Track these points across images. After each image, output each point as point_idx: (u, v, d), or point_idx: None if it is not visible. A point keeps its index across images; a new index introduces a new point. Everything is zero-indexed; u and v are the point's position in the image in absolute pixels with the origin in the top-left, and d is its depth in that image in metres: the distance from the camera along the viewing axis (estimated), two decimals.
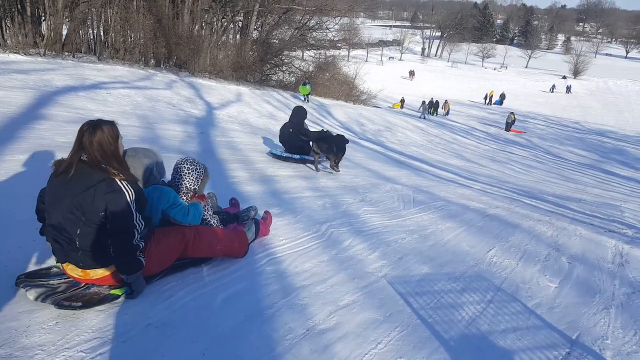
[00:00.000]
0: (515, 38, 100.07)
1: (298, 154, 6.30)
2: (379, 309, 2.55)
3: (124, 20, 15.55)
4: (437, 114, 27.04)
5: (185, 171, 2.70)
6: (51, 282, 2.33)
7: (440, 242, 3.87)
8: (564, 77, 56.35)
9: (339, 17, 26.05)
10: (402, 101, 29.06)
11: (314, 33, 24.46)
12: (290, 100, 18.09)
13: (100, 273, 2.26)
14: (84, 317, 2.13)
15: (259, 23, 21.90)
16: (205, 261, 2.78)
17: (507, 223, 4.81)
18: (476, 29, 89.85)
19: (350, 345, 2.18)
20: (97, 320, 2.12)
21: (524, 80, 51.51)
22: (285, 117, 14.54)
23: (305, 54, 25.92)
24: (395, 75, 48.57)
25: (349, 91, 25.41)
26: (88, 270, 2.24)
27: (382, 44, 72.15)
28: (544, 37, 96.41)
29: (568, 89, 46.18)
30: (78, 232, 2.14)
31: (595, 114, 35.50)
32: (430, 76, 50.09)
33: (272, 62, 22.14)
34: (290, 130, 6.28)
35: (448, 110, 27.77)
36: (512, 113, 25.29)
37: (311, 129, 6.46)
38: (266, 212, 3.48)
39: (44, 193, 2.28)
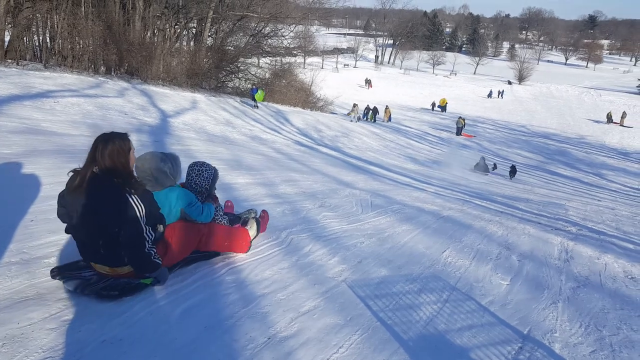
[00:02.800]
0: (464, 46, 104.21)
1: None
2: (339, 313, 2.58)
3: (72, 27, 14.93)
4: (374, 120, 26.85)
5: (197, 172, 3.03)
6: (83, 274, 2.51)
7: (397, 244, 3.96)
8: (510, 83, 59.25)
9: (293, 25, 26.15)
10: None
11: (269, 40, 24.40)
12: (247, 107, 17.97)
13: (127, 269, 2.47)
14: (34, 337, 2.02)
15: (213, 30, 21.63)
16: (214, 256, 3.03)
17: (460, 224, 4.99)
18: (426, 37, 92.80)
19: (312, 351, 2.19)
20: (48, 339, 2.02)
21: (473, 87, 53.64)
22: (243, 123, 14.48)
23: (261, 61, 25.85)
24: (351, 82, 49.27)
25: (305, 98, 25.55)
26: (116, 268, 2.46)
27: (337, 51, 73.02)
28: (490, 44, 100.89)
29: (500, 93, 48.44)
30: (101, 242, 2.34)
31: (539, 117, 37.50)
32: (383, 83, 51.18)
33: (228, 69, 21.91)
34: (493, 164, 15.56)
35: (390, 117, 27.36)
36: (461, 118, 26.27)
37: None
38: (263, 212, 3.72)
39: (62, 197, 2.40)
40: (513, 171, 14.56)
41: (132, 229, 2.32)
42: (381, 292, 2.92)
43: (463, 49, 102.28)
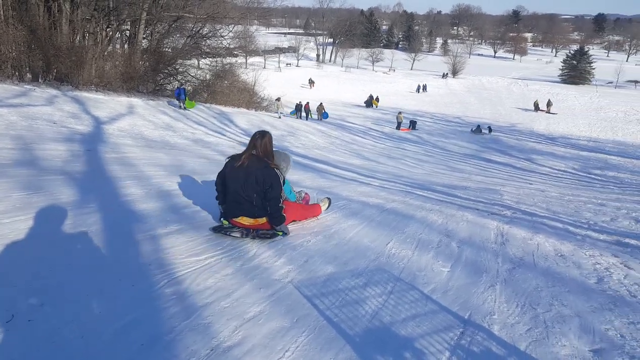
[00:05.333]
0: (400, 42, 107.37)
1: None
2: (285, 316, 2.54)
3: None
4: (307, 117, 26.74)
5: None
6: (234, 229, 3.70)
7: (343, 240, 3.97)
8: (445, 76, 61.75)
9: (232, 25, 25.70)
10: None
11: (208, 41, 23.85)
12: (189, 110, 17.45)
13: (263, 220, 3.73)
14: None
15: (148, 32, 20.80)
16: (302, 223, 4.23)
17: (403, 215, 5.10)
18: (364, 35, 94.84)
19: (257, 358, 2.13)
20: None
21: (410, 82, 55.30)
22: (184, 126, 14.06)
23: (201, 62, 25.21)
24: (294, 81, 49.26)
25: (249, 98, 25.27)
26: (258, 219, 3.70)
27: (279, 50, 72.87)
28: (424, 40, 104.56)
29: (424, 87, 50.45)
30: (255, 195, 3.62)
31: (473, 108, 39.34)
32: (326, 82, 51.60)
33: (166, 71, 21.18)
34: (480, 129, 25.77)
35: (324, 114, 27.25)
36: (400, 113, 27.08)
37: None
38: (306, 194, 4.80)
39: (222, 175, 3.75)
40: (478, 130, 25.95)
41: (276, 188, 3.63)
42: (327, 290, 2.91)
43: (399, 45, 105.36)
